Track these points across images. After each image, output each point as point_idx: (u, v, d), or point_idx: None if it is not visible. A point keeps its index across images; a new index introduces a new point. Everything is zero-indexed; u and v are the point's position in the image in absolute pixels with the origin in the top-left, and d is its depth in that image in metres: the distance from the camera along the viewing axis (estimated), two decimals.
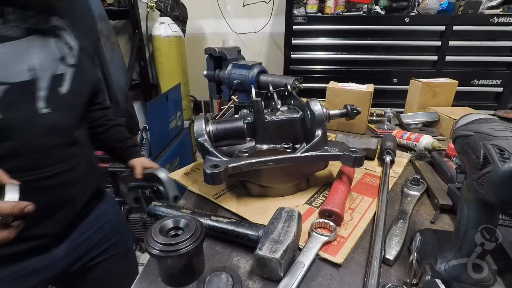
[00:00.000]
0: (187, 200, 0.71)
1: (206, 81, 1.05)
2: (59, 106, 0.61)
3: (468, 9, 1.91)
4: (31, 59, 0.57)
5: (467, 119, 0.45)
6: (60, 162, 0.63)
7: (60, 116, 0.62)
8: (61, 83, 0.62)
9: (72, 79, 0.64)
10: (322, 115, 0.64)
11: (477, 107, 1.14)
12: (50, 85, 0.60)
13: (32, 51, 0.57)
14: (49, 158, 0.61)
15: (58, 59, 0.62)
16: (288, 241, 0.48)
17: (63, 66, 0.62)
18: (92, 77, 0.73)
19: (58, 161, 0.63)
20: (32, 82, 0.57)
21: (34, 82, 0.57)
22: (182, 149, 2.07)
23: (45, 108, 0.59)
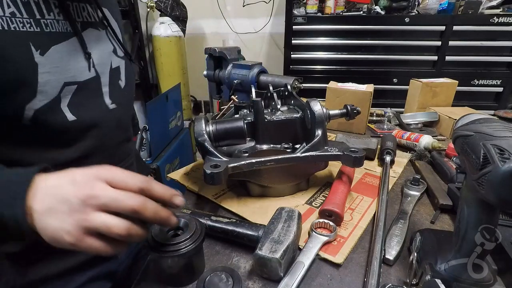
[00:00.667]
0: (187, 200, 0.71)
1: (206, 81, 1.04)
2: (120, 101, 0.61)
3: (468, 9, 1.91)
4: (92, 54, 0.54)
5: (467, 119, 0.45)
6: (124, 158, 0.64)
7: (123, 110, 0.61)
8: (119, 77, 0.61)
9: (125, 72, 0.63)
10: (322, 115, 0.64)
11: (477, 107, 1.14)
12: (111, 79, 0.58)
13: (91, 46, 0.54)
14: (116, 155, 0.61)
15: (111, 51, 0.60)
16: (288, 241, 0.48)
17: (117, 59, 0.61)
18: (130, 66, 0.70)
19: (123, 157, 0.63)
20: (97, 78, 0.56)
21: (99, 78, 0.56)
22: (182, 149, 2.07)
23: (111, 103, 0.58)
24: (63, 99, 0.50)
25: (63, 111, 0.50)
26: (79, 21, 0.53)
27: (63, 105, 0.50)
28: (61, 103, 0.50)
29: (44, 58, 0.46)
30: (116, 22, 0.62)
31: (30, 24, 0.45)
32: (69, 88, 0.51)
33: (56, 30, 0.49)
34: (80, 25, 0.53)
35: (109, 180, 0.37)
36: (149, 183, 0.38)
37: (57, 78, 0.49)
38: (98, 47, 0.56)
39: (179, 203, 0.40)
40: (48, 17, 0.47)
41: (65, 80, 0.50)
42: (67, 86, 0.50)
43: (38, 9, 0.46)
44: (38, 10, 0.46)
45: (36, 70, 0.45)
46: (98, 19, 0.57)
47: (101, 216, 0.35)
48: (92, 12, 0.56)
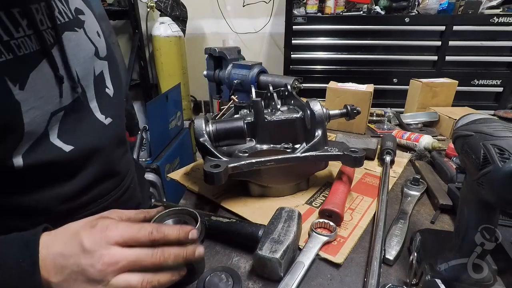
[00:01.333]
0: (187, 200, 0.71)
1: (206, 81, 1.05)
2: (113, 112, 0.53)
3: (468, 9, 1.91)
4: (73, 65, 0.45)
5: (467, 119, 0.45)
6: (127, 170, 0.59)
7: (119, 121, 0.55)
8: (105, 84, 0.52)
9: (110, 75, 0.53)
10: (322, 115, 0.64)
11: (477, 107, 1.14)
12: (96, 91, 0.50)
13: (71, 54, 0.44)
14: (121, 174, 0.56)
15: (93, 54, 0.49)
16: (288, 241, 0.48)
17: (99, 62, 0.51)
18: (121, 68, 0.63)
19: (126, 170, 0.58)
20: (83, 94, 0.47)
21: (85, 94, 0.47)
22: (182, 149, 2.07)
23: (105, 118, 0.51)
24: (50, 131, 0.43)
25: (55, 144, 0.43)
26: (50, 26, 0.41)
27: (53, 138, 0.43)
28: (50, 137, 0.43)
29: (25, 92, 0.37)
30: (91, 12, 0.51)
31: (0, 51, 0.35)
32: (55, 118, 0.43)
33: (30, 50, 0.38)
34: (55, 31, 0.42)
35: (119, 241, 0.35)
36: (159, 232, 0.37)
37: (43, 111, 0.40)
38: (76, 54, 0.45)
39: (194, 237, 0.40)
40: (17, 34, 0.37)
41: (52, 110, 0.42)
42: (54, 116, 0.42)
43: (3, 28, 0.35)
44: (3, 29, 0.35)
45: (20, 109, 0.37)
46: (72, 15, 0.46)
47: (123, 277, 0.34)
48: (63, 8, 0.44)
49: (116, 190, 0.55)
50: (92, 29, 0.50)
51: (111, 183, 0.53)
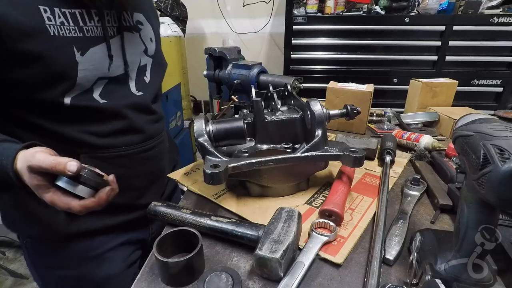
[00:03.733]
0: (187, 200, 0.71)
1: (206, 81, 1.05)
2: (146, 90, 0.71)
3: (468, 9, 1.91)
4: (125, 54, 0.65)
5: (467, 119, 0.45)
6: (155, 135, 0.75)
7: (148, 97, 0.72)
8: (145, 73, 0.72)
9: (151, 69, 0.74)
10: (322, 115, 0.64)
11: (477, 107, 1.14)
12: (137, 76, 0.70)
13: (124, 46, 0.65)
14: (147, 132, 0.72)
15: (143, 51, 0.71)
16: (288, 241, 0.48)
17: (146, 57, 0.72)
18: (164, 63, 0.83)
19: (154, 134, 0.74)
20: (126, 74, 0.67)
21: (128, 74, 0.67)
22: (182, 149, 2.06)
23: (137, 92, 0.69)
24: (95, 90, 0.62)
25: (95, 99, 0.62)
26: (115, 26, 0.64)
27: (96, 94, 0.62)
28: (93, 93, 0.61)
29: (83, 57, 0.58)
30: (150, 26, 0.73)
31: (75, 30, 0.57)
32: (101, 81, 0.62)
33: (95, 35, 0.60)
34: (117, 29, 0.64)
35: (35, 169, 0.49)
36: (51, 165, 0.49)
37: (92, 74, 0.60)
38: (129, 48, 0.67)
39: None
40: (89, 24, 0.59)
41: (99, 75, 0.61)
42: (100, 80, 0.62)
43: (82, 19, 0.58)
44: (81, 19, 0.58)
45: (76, 67, 0.57)
46: (133, 23, 0.68)
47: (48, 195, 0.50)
48: (128, 18, 0.67)
49: (141, 145, 0.71)
50: (146, 35, 0.72)
51: (137, 138, 0.70)
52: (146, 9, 0.73)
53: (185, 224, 0.57)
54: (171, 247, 0.52)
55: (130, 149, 0.69)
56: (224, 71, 0.94)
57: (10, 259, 1.89)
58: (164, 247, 0.50)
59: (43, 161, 0.48)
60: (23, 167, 0.49)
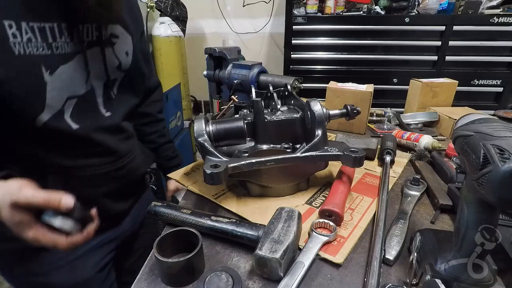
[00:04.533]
0: (187, 200, 0.71)
1: (206, 81, 1.05)
2: (114, 109, 0.67)
3: (468, 9, 1.91)
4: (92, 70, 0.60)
5: (467, 119, 0.45)
6: (126, 154, 0.73)
7: (118, 116, 0.68)
8: (113, 88, 0.67)
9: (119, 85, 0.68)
10: (322, 115, 0.64)
11: (477, 107, 1.14)
12: (104, 91, 0.65)
13: (93, 63, 0.60)
14: (119, 152, 0.70)
15: (116, 67, 0.66)
16: (288, 241, 0.48)
17: (118, 72, 0.67)
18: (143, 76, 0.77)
19: (125, 153, 0.72)
20: (92, 91, 0.62)
21: (94, 91, 0.62)
22: (182, 149, 2.07)
23: (106, 112, 0.65)
24: (66, 111, 0.57)
25: (67, 122, 0.58)
26: (86, 40, 0.58)
27: (66, 116, 0.57)
28: (64, 114, 0.57)
29: (52, 77, 0.53)
30: (130, 36, 0.68)
31: (43, 47, 0.51)
32: (71, 101, 0.58)
33: (65, 51, 0.55)
34: (87, 44, 0.59)
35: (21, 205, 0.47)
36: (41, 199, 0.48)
37: (62, 94, 0.56)
38: (98, 64, 0.62)
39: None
40: (60, 39, 0.53)
41: (68, 94, 0.57)
42: (69, 100, 0.57)
43: (52, 34, 0.52)
44: (51, 35, 0.52)
45: (45, 88, 0.52)
46: (106, 36, 0.62)
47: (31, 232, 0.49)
48: (100, 32, 0.61)
49: (111, 165, 0.69)
50: (121, 49, 0.66)
51: (107, 158, 0.68)
52: (125, 19, 0.67)
53: (185, 224, 0.57)
54: (171, 247, 0.52)
55: (101, 170, 0.67)
56: (224, 71, 0.94)
57: None
58: (164, 247, 0.50)
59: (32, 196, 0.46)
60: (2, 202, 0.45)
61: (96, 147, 0.64)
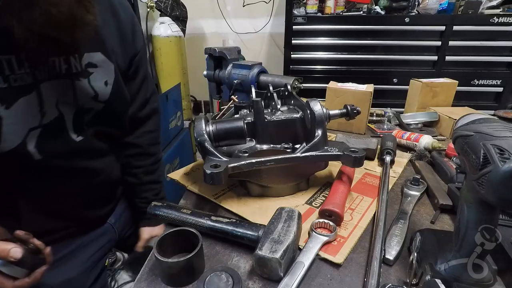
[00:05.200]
0: (187, 200, 0.71)
1: (206, 81, 1.05)
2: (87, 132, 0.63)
3: (468, 9, 1.91)
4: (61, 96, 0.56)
5: (467, 119, 0.45)
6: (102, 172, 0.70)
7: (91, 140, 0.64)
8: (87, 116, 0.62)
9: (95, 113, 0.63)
10: (322, 115, 0.64)
11: (477, 107, 1.14)
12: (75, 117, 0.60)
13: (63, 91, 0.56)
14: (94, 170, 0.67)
15: (91, 97, 0.60)
16: (288, 241, 0.48)
17: (94, 103, 0.62)
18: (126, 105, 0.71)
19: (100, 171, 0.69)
20: (61, 117, 0.58)
21: (63, 117, 0.58)
22: (182, 149, 2.07)
23: (77, 137, 0.61)
24: (29, 142, 0.54)
25: (30, 152, 0.55)
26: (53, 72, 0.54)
27: (30, 147, 0.55)
28: (27, 146, 0.54)
29: (9, 111, 0.50)
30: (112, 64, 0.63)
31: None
32: (33, 132, 0.55)
33: (25, 83, 0.51)
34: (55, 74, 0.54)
35: None
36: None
37: (21, 127, 0.53)
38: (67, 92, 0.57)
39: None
40: (19, 72, 0.50)
41: (30, 126, 0.54)
42: (32, 131, 0.54)
43: (9, 67, 0.49)
44: (9, 68, 0.49)
45: (1, 123, 0.50)
46: (80, 67, 0.58)
47: None
48: (74, 62, 0.57)
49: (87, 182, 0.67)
50: (99, 79, 0.61)
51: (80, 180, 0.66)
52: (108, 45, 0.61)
53: (185, 224, 0.57)
54: (171, 247, 0.52)
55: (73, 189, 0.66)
56: (224, 71, 0.94)
57: None
58: (164, 247, 0.50)
59: None
60: None
61: (66, 170, 0.62)
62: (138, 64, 0.73)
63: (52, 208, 0.65)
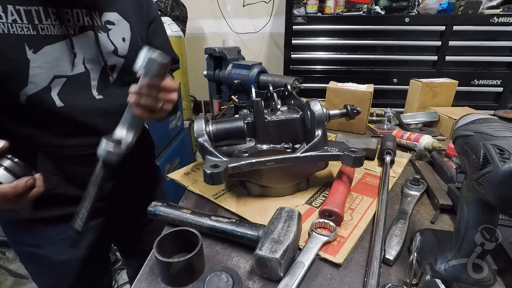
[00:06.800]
0: (187, 200, 0.71)
1: (206, 81, 1.04)
2: (109, 93, 0.68)
3: (468, 9, 1.91)
4: (86, 53, 0.63)
5: (467, 119, 0.45)
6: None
7: (111, 101, 0.68)
8: (112, 74, 0.69)
9: (121, 69, 0.70)
10: (322, 115, 0.64)
11: (477, 107, 1.14)
12: (101, 75, 0.67)
13: (84, 46, 0.63)
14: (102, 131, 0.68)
15: (111, 51, 0.67)
16: (288, 241, 0.48)
17: (115, 58, 0.68)
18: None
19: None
20: (87, 73, 0.64)
21: (88, 74, 0.65)
22: (182, 149, 2.07)
23: (98, 95, 0.67)
24: (53, 88, 0.60)
25: (53, 99, 0.61)
26: (78, 25, 0.62)
27: (54, 93, 0.61)
28: (51, 92, 0.60)
29: (36, 55, 0.57)
30: (128, 23, 0.70)
31: (28, 28, 0.56)
32: (58, 80, 0.61)
33: (51, 33, 0.58)
34: (79, 28, 0.62)
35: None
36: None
37: (47, 72, 0.59)
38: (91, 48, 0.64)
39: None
40: (46, 22, 0.58)
41: (55, 73, 0.60)
42: (57, 79, 0.60)
43: (38, 16, 0.57)
44: (37, 17, 0.57)
45: (28, 65, 0.56)
46: (100, 23, 0.65)
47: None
48: (95, 17, 0.64)
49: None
50: (117, 35, 0.68)
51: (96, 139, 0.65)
52: (123, 7, 0.70)
53: (185, 224, 0.57)
54: (171, 247, 0.52)
55: (88, 150, 0.67)
56: (224, 71, 0.93)
57: (10, 259, 1.89)
58: (164, 247, 0.50)
59: None
60: None
61: (83, 127, 0.65)
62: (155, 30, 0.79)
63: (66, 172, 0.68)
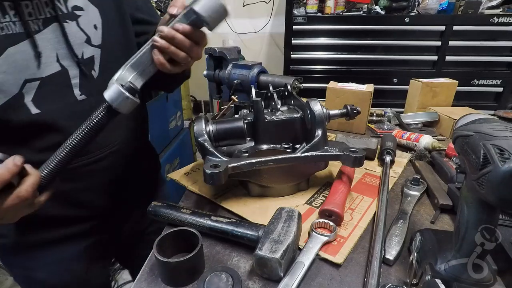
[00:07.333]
0: (187, 200, 0.71)
1: (206, 81, 1.04)
2: (94, 92, 0.60)
3: (468, 9, 1.91)
4: (58, 49, 0.55)
5: (467, 119, 0.45)
6: (106, 145, 0.65)
7: (97, 100, 0.58)
8: (92, 67, 0.60)
9: (101, 61, 0.61)
10: (322, 115, 0.64)
11: (477, 107, 1.13)
12: (82, 71, 0.58)
13: (57, 41, 0.55)
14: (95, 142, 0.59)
15: (84, 42, 0.58)
16: (288, 241, 0.48)
17: (90, 48, 0.60)
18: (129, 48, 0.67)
19: (103, 144, 0.64)
20: (64, 72, 0.56)
21: (66, 72, 0.57)
22: (182, 149, 2.07)
23: (80, 95, 0.59)
24: (26, 95, 0.53)
25: (27, 106, 0.53)
26: (41, 18, 0.53)
27: (27, 100, 0.53)
28: (24, 98, 0.53)
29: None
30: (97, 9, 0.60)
31: None
32: (31, 84, 0.53)
33: (13, 31, 0.50)
34: (43, 21, 0.53)
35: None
36: None
37: (15, 77, 0.52)
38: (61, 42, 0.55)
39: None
40: (4, 20, 0.49)
41: (25, 77, 0.52)
42: (29, 83, 0.53)
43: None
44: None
45: None
46: (66, 9, 0.56)
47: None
48: (59, 5, 0.55)
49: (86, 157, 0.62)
50: (87, 22, 0.59)
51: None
52: None
53: (185, 224, 0.57)
54: (171, 247, 0.52)
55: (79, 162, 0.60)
56: (224, 71, 0.93)
57: None
58: (164, 247, 0.50)
59: None
60: None
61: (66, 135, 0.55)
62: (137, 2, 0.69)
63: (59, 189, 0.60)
